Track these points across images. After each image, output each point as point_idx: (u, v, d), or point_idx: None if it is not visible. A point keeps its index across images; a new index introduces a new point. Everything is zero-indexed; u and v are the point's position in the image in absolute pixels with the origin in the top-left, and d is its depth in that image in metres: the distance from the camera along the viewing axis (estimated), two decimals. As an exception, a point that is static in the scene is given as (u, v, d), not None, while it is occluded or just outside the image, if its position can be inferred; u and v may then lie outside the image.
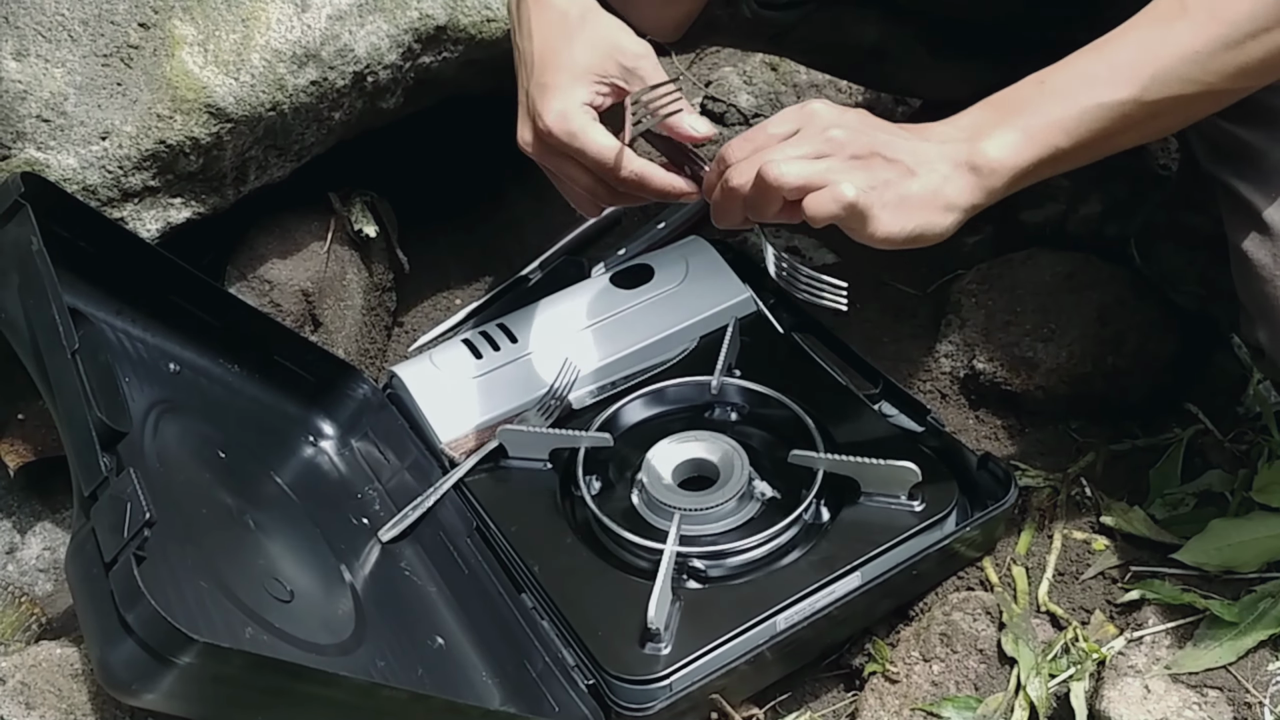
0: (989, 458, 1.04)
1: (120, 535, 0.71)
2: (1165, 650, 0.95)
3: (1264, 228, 0.86)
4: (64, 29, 1.09)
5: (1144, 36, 0.82)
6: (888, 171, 0.80)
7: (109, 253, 1.00)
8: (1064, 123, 0.81)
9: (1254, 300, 0.88)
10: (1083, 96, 0.81)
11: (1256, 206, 0.87)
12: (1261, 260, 0.86)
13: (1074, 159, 0.83)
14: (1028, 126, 0.81)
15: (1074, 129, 0.81)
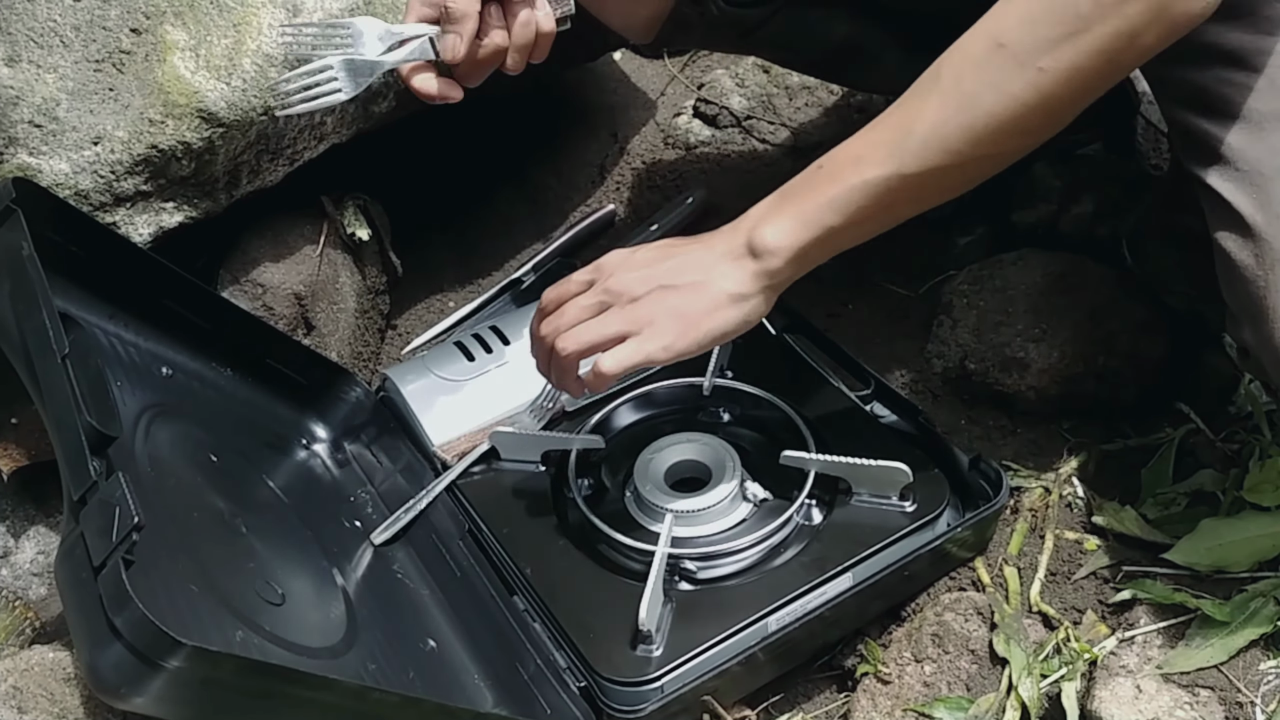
0: (980, 458, 1.04)
1: (109, 539, 0.71)
2: (1157, 650, 0.95)
3: (1245, 228, 0.86)
4: (56, 34, 1.09)
5: (902, 112, 0.86)
6: (672, 298, 0.90)
7: (101, 257, 1.00)
8: (834, 202, 0.86)
9: (1238, 300, 0.88)
10: (850, 175, 0.86)
11: (1237, 207, 0.87)
12: (1244, 261, 0.86)
13: (853, 234, 0.88)
14: (801, 209, 0.87)
15: (843, 208, 0.86)
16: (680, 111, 1.64)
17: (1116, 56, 0.81)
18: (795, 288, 1.34)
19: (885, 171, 0.85)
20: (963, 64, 0.84)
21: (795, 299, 1.26)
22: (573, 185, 1.57)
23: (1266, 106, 0.88)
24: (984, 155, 0.85)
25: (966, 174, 0.87)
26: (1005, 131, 0.84)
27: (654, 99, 1.68)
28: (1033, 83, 0.81)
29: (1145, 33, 0.80)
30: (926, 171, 0.85)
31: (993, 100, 0.82)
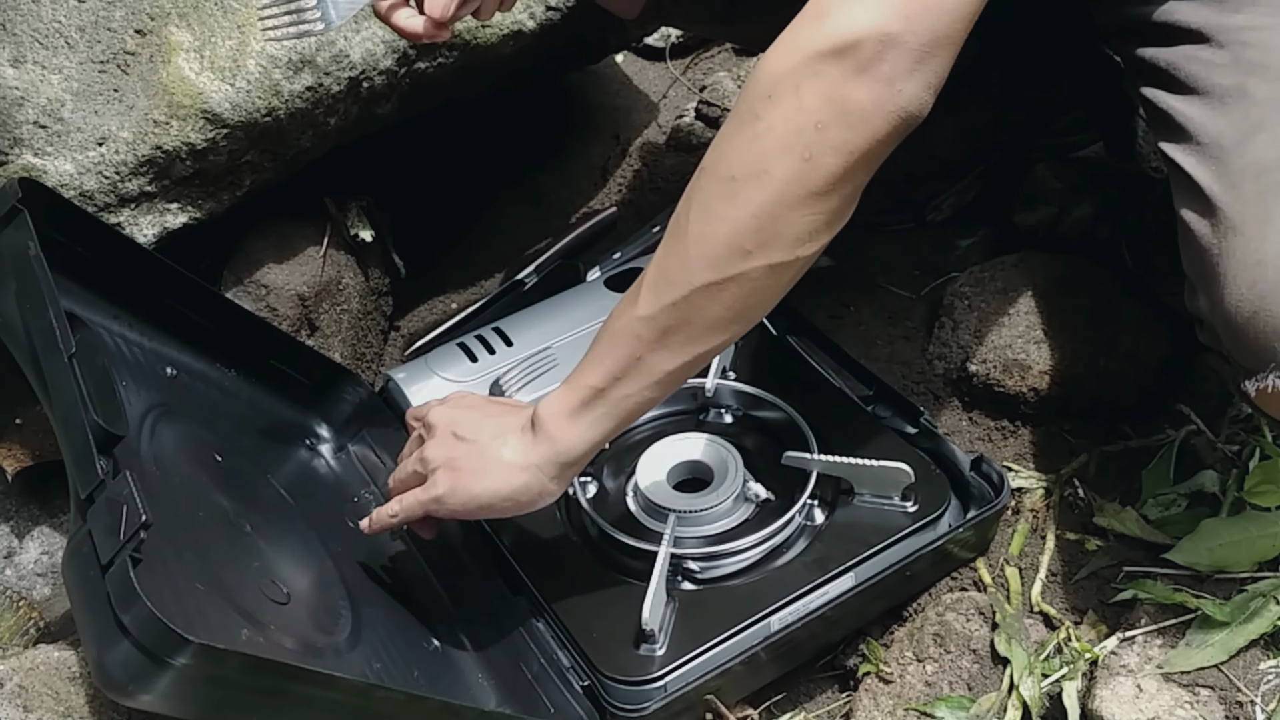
0: (982, 459, 1.05)
1: (116, 537, 0.72)
2: (1157, 650, 0.95)
3: (1204, 199, 0.87)
4: (61, 35, 1.10)
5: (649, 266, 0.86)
6: (459, 449, 0.93)
7: (106, 257, 1.01)
8: (592, 362, 0.88)
9: (1195, 269, 0.89)
10: (604, 332, 0.87)
11: (1196, 179, 0.88)
12: (1200, 230, 0.87)
13: (623, 393, 0.87)
14: (571, 378, 0.89)
15: (599, 365, 0.87)
16: (682, 113, 1.65)
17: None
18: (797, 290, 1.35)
19: (612, 370, 0.86)
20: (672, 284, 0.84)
21: (797, 300, 1.28)
22: (575, 187, 1.57)
23: (1229, 81, 0.89)
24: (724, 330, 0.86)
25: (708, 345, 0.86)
26: (748, 308, 0.85)
27: (656, 101, 1.68)
28: None
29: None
30: (666, 359, 0.85)
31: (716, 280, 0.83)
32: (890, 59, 0.76)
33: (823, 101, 0.77)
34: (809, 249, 0.82)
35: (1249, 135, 0.86)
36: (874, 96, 0.77)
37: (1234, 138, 0.87)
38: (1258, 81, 0.88)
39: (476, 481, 0.91)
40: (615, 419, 0.88)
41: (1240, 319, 0.83)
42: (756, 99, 0.80)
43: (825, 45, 0.77)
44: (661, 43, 1.73)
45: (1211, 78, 0.90)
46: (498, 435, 0.92)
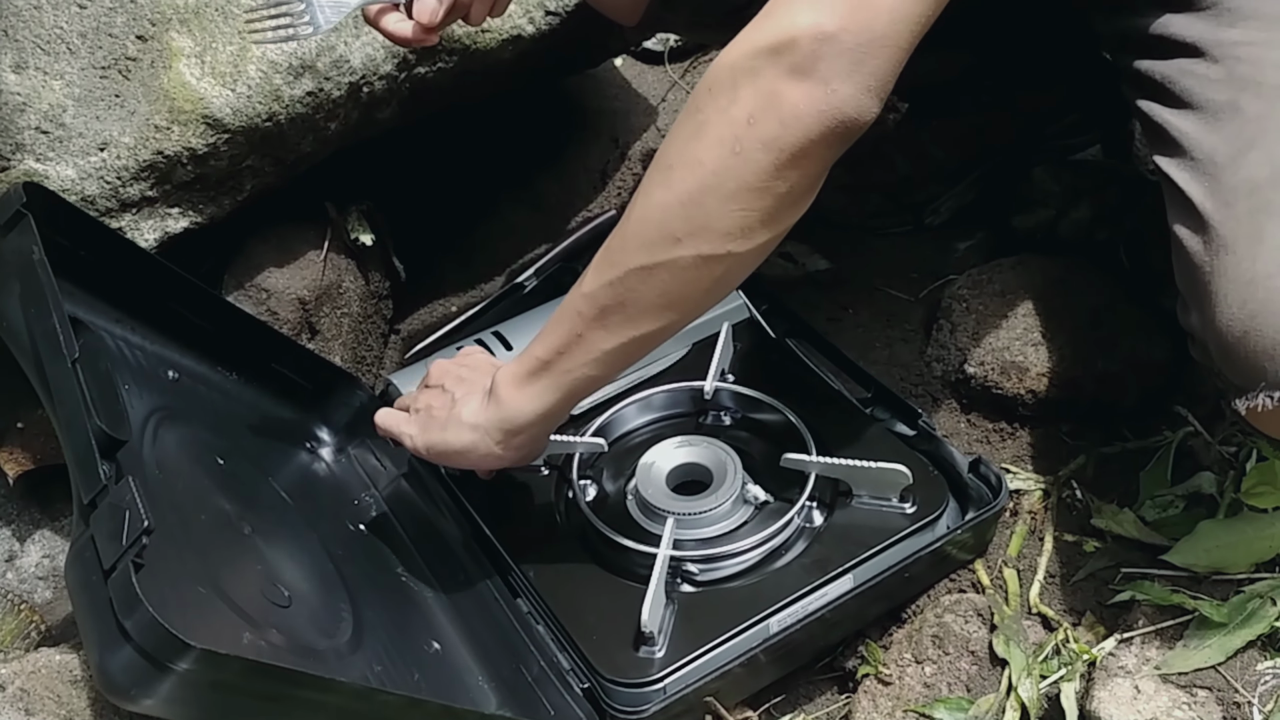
0: (980, 461, 1.05)
1: (119, 542, 0.72)
2: (1155, 651, 0.95)
3: (1196, 215, 0.87)
4: (63, 41, 1.10)
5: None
6: (437, 399, 1.00)
7: (109, 262, 1.01)
8: (542, 335, 0.91)
9: (1187, 286, 0.89)
10: (558, 308, 0.90)
11: (1190, 195, 0.88)
12: (1193, 247, 0.87)
13: (565, 367, 0.91)
14: (525, 348, 0.93)
15: (547, 338, 0.90)
16: (681, 117, 1.65)
17: None
18: (796, 293, 1.35)
19: (573, 305, 0.89)
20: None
21: (796, 303, 1.28)
22: (575, 191, 1.57)
23: (1222, 96, 0.89)
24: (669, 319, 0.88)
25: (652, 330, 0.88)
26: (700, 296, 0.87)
27: (655, 105, 1.69)
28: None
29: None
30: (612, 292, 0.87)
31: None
32: (826, 58, 0.77)
33: (756, 96, 0.78)
34: (742, 245, 0.83)
35: (1242, 152, 0.86)
36: (807, 95, 0.77)
37: (1227, 154, 0.87)
38: (1250, 98, 0.88)
39: (438, 433, 0.97)
40: (559, 391, 0.92)
41: (1231, 338, 0.83)
42: (700, 92, 0.82)
43: (765, 43, 0.78)
44: (660, 46, 1.74)
45: (1205, 93, 0.90)
46: (468, 394, 0.97)
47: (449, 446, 0.97)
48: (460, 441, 0.96)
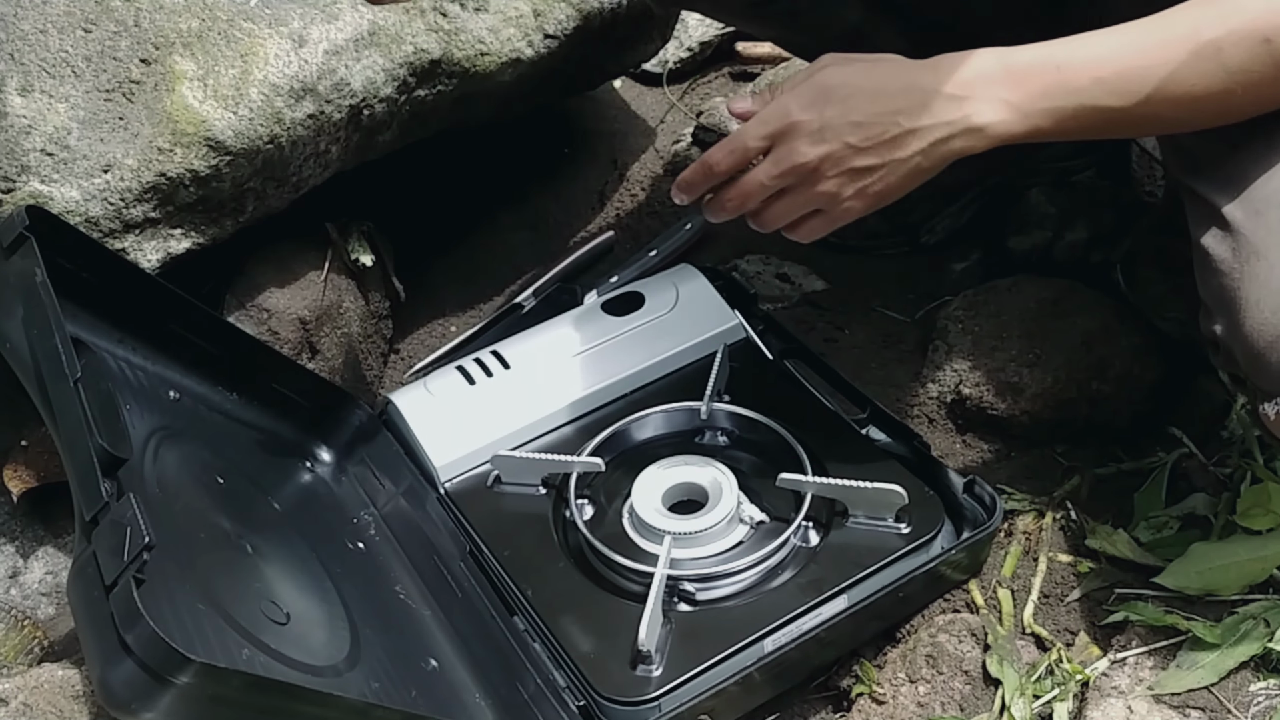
0: (975, 481, 1.06)
1: (120, 559, 0.73)
2: (1148, 671, 0.96)
3: (1223, 223, 0.88)
4: (68, 65, 1.11)
5: (1148, 51, 0.85)
6: (861, 180, 0.89)
7: (111, 283, 1.02)
8: (1056, 112, 0.86)
9: (1212, 294, 0.89)
10: (1083, 92, 0.85)
11: (1216, 204, 0.89)
12: (1220, 254, 0.88)
13: (1059, 138, 0.88)
14: (1023, 100, 0.86)
15: (1061, 119, 0.86)
16: (679, 138, 1.67)
17: None
18: (793, 313, 1.36)
19: (1118, 104, 0.85)
20: (1228, 40, 0.83)
21: (792, 324, 1.29)
22: (573, 211, 1.59)
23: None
24: (1212, 118, 0.87)
25: (1191, 126, 0.88)
26: (1243, 111, 0.86)
27: (654, 126, 1.70)
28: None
29: None
30: (1153, 117, 0.86)
31: (1243, 84, 0.83)
32: None
33: None
34: None
35: (1272, 164, 0.87)
36: None
37: (1258, 168, 0.88)
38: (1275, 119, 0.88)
39: (897, 190, 0.90)
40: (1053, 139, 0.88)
41: (1261, 343, 0.84)
42: None
43: None
44: (659, 68, 1.75)
45: None
46: (903, 145, 0.88)
47: (904, 191, 0.90)
48: (924, 177, 0.89)
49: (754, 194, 0.91)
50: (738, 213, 0.94)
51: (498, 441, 1.15)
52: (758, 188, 0.91)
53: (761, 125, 0.90)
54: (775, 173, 0.90)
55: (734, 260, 1.44)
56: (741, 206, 0.93)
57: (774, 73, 1.68)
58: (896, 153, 0.87)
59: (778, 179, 0.90)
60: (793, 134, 0.88)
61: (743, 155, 0.91)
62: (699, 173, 0.94)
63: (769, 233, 0.94)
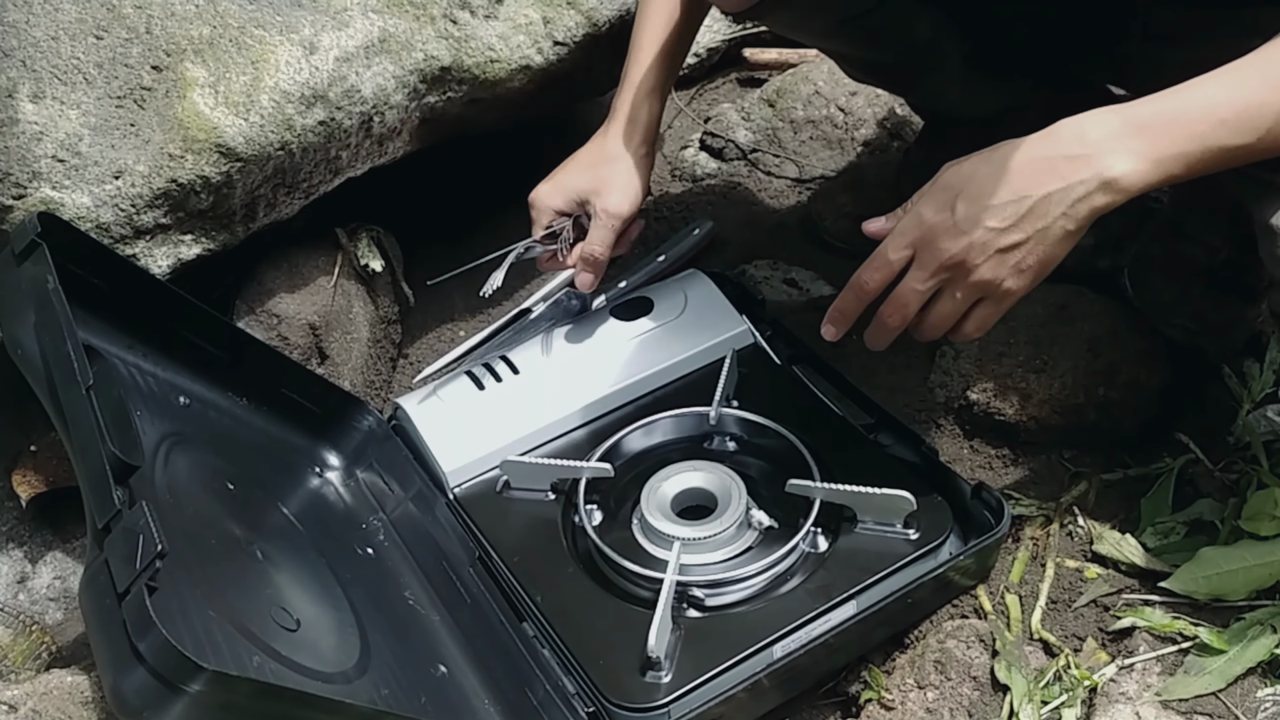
0: (982, 487, 1.06)
1: (133, 566, 0.73)
2: (1156, 677, 0.96)
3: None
4: (79, 72, 1.12)
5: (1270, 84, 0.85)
6: (1015, 256, 0.88)
7: (122, 289, 1.03)
8: (1185, 157, 0.85)
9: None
10: (1208, 135, 0.85)
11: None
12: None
13: (1186, 179, 0.87)
14: (1155, 150, 0.85)
15: (1191, 162, 0.85)
16: (687, 144, 1.67)
17: None
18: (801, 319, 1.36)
19: (1242, 141, 0.84)
20: None
21: (800, 329, 1.29)
22: (581, 217, 1.59)
23: None
24: None
25: None
26: None
27: (661, 132, 1.70)
28: None
29: None
30: (1275, 147, 0.85)
31: None
32: None
33: None
34: None
35: None
36: None
37: None
38: None
39: (1053, 261, 0.90)
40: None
41: None
42: None
43: None
44: (667, 74, 1.75)
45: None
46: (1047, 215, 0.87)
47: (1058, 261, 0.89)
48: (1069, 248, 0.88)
49: (911, 301, 0.91)
50: (900, 329, 0.94)
51: (507, 447, 1.16)
52: (913, 295, 0.91)
53: (900, 237, 0.91)
54: (926, 275, 0.90)
55: (742, 265, 1.44)
56: (903, 320, 0.93)
57: (781, 79, 1.68)
58: (1038, 222, 0.87)
59: (930, 280, 0.90)
60: (932, 236, 0.89)
61: (888, 270, 0.92)
62: (849, 299, 0.95)
63: (933, 339, 0.94)
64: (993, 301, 0.91)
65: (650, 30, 1.22)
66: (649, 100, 1.22)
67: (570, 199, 1.22)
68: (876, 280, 0.92)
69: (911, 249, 0.91)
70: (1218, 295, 1.23)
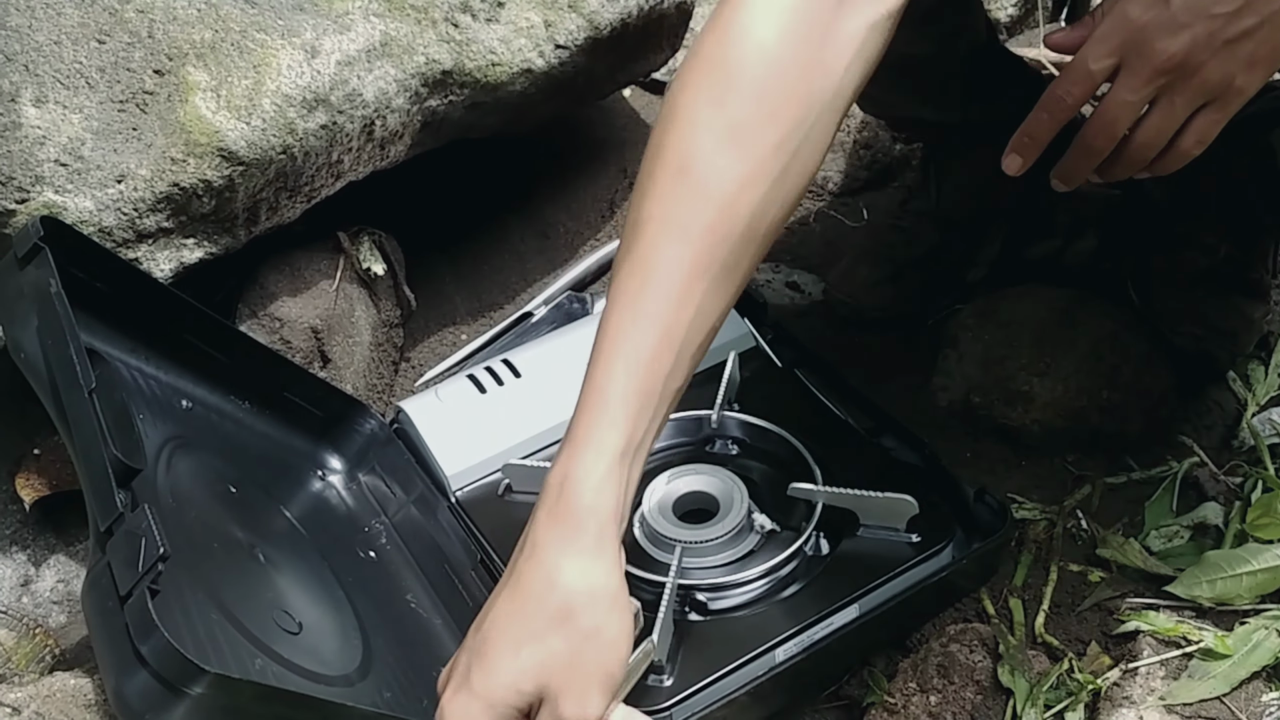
0: (985, 490, 1.05)
1: (135, 569, 0.73)
2: (1160, 681, 0.96)
3: None
4: (82, 76, 1.12)
5: None
6: (1245, 47, 0.75)
7: (124, 293, 1.03)
8: None
9: None
10: None
11: None
12: None
13: None
14: None
15: None
16: (689, 147, 1.67)
17: None
18: (802, 322, 1.36)
19: None
20: None
21: (802, 332, 1.29)
22: (583, 220, 1.59)
23: None
24: None
25: None
26: None
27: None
28: None
29: None
30: None
31: None
32: None
33: None
34: None
35: None
36: None
37: None
38: None
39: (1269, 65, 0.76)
40: None
41: None
42: None
43: None
44: (669, 78, 1.75)
45: None
46: None
47: None
48: None
49: (1120, 116, 0.79)
50: (1105, 153, 0.81)
51: (509, 450, 1.15)
52: (1123, 108, 0.78)
53: (1102, 44, 0.78)
54: (1139, 83, 0.77)
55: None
56: (1110, 141, 0.80)
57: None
58: (1273, 3, 0.73)
59: (1145, 88, 0.77)
60: (1144, 36, 0.76)
61: (1089, 82, 0.79)
62: (1041, 121, 0.82)
63: (1141, 165, 0.81)
64: (1218, 106, 0.78)
65: (641, 341, 0.80)
66: (629, 466, 0.79)
67: (509, 712, 0.76)
68: (1075, 95, 0.80)
69: (1117, 55, 0.77)
70: (1223, 300, 1.23)
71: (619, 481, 0.77)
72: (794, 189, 0.79)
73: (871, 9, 0.78)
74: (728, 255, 0.77)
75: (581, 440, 0.77)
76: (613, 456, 0.76)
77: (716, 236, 0.77)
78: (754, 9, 0.77)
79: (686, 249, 0.76)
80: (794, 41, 0.76)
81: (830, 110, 0.78)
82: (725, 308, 0.80)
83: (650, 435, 0.79)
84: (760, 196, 0.77)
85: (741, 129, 0.76)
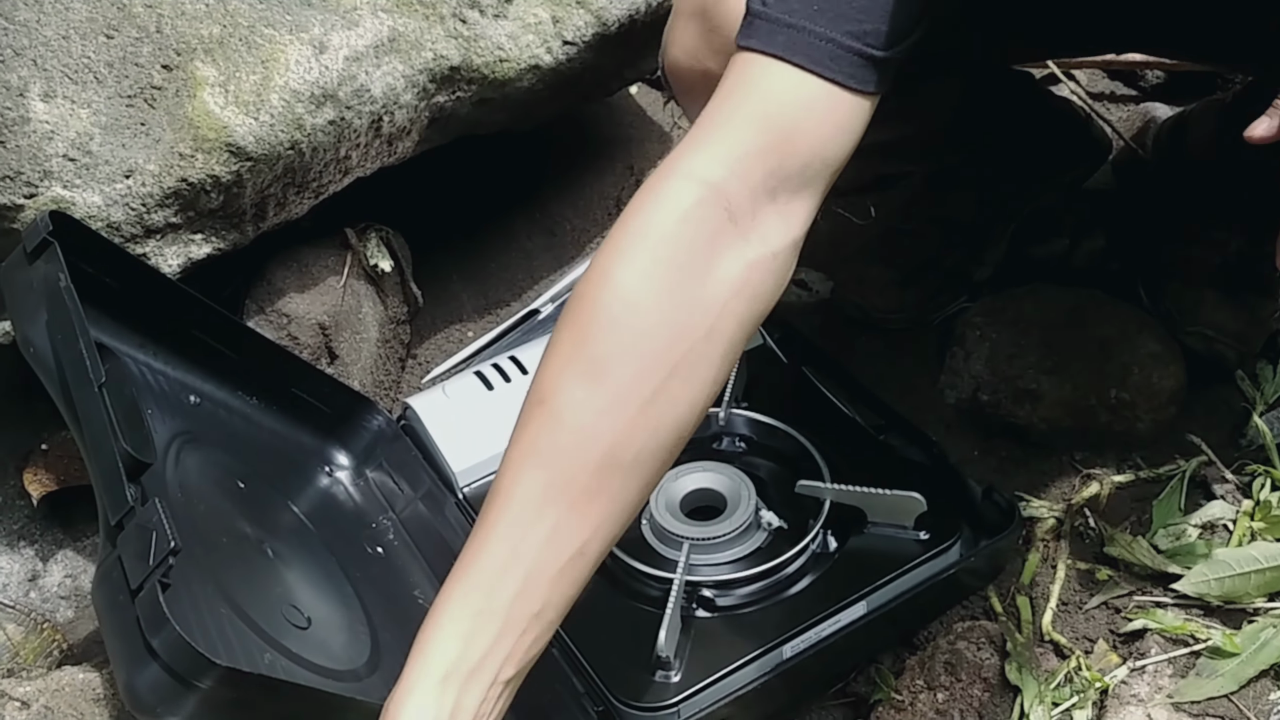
0: (993, 488, 1.06)
1: (146, 563, 0.73)
2: (1168, 679, 0.96)
3: None
4: (90, 71, 1.12)
5: None
6: None
7: (133, 288, 1.03)
8: None
9: None
10: None
11: None
12: None
13: None
14: None
15: None
16: (694, 145, 1.66)
17: None
18: (810, 320, 1.36)
19: None
20: None
21: (810, 330, 1.29)
22: (589, 217, 1.59)
23: None
24: None
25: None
26: None
27: (668, 131, 1.70)
28: None
29: None
30: None
31: None
32: None
33: None
34: None
35: None
36: None
37: None
38: None
39: None
40: None
41: None
42: None
43: None
44: (675, 75, 1.75)
45: None
46: None
47: None
48: None
49: None
50: None
51: (516, 447, 1.15)
52: None
53: None
54: None
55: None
56: None
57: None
58: None
59: None
60: None
61: None
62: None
63: None
64: None
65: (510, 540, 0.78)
66: (457, 690, 0.75)
67: None
68: None
69: None
70: (1234, 299, 1.23)
71: (441, 706, 0.73)
72: (670, 418, 0.78)
73: (752, 250, 0.79)
74: (588, 480, 0.76)
75: (410, 660, 0.76)
76: (433, 679, 0.74)
77: (572, 461, 0.77)
78: (621, 255, 0.80)
79: (540, 473, 0.77)
80: (655, 282, 0.78)
81: (707, 343, 0.78)
82: (601, 533, 0.78)
83: (495, 659, 0.76)
84: (622, 424, 0.76)
85: (598, 362, 0.77)
